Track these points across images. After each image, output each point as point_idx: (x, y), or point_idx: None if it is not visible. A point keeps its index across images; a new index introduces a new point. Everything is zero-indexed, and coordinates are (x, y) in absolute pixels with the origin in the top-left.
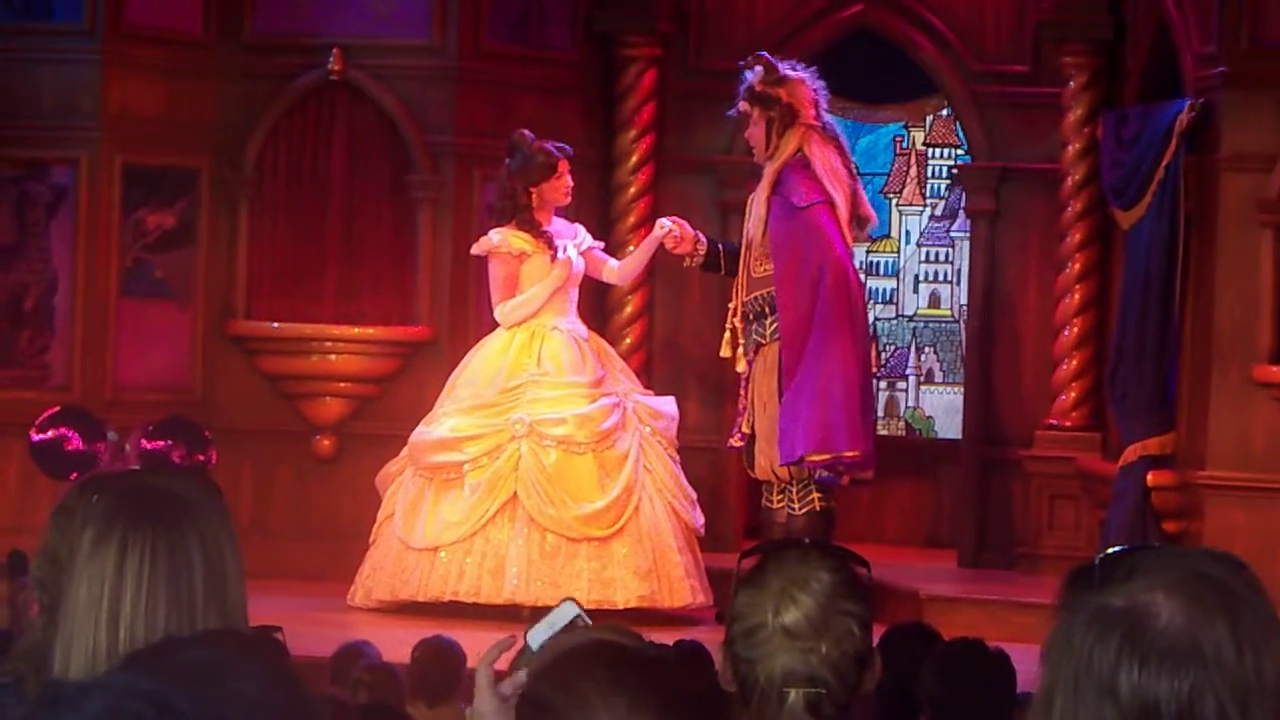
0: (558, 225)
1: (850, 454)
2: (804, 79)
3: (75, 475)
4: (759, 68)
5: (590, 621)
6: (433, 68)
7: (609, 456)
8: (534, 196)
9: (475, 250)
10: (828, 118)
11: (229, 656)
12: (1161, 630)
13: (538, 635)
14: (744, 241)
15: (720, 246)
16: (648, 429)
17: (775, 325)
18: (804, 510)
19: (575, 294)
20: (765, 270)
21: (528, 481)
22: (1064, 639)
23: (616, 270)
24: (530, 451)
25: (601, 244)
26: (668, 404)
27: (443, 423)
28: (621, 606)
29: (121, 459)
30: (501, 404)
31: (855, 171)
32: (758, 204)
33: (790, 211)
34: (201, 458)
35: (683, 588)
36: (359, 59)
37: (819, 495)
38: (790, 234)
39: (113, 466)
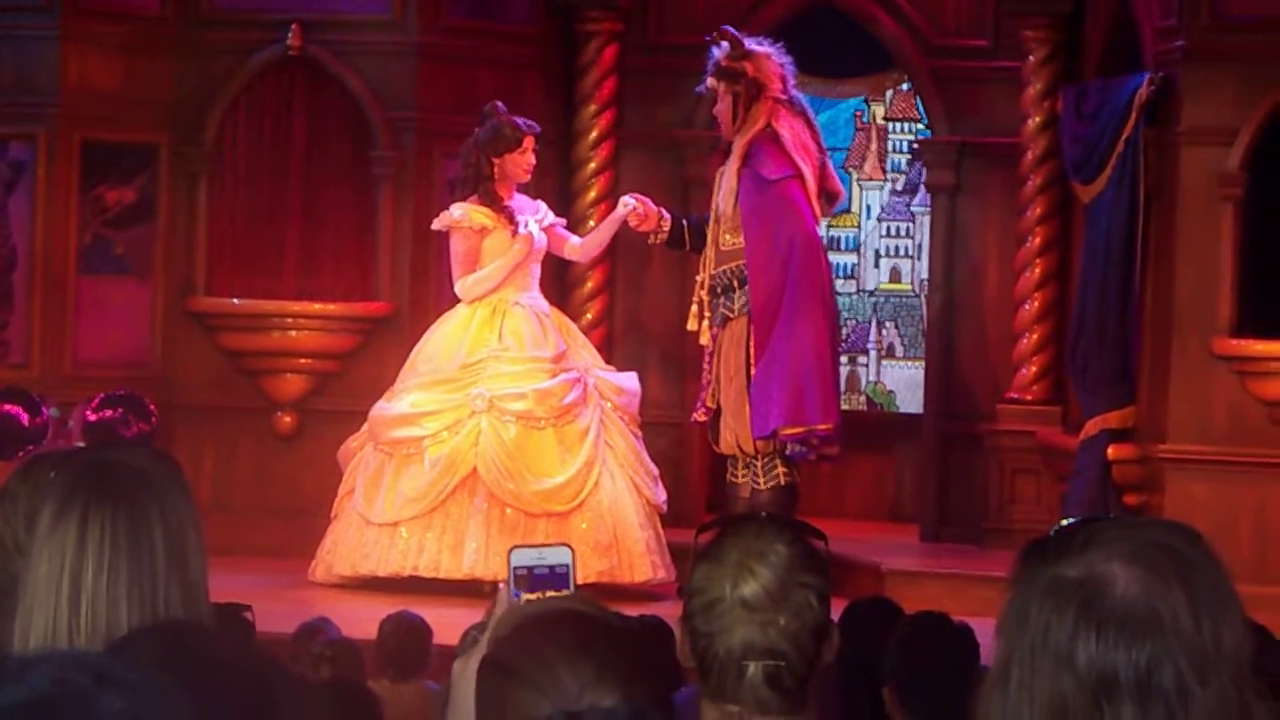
0: (519, 201)
1: (823, 427)
2: (770, 53)
3: (22, 453)
4: (724, 43)
5: (576, 577)
6: (393, 43)
7: (569, 431)
8: (496, 168)
9: (436, 225)
10: (795, 92)
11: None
12: (1118, 599)
13: (524, 555)
14: (713, 215)
15: (684, 222)
16: (609, 404)
17: (744, 299)
18: (769, 485)
19: (537, 269)
20: (734, 244)
21: (487, 457)
22: (1020, 611)
23: (579, 246)
24: (490, 427)
25: (564, 220)
26: (630, 380)
27: (403, 398)
28: (580, 581)
29: (64, 435)
30: (462, 379)
31: (824, 146)
32: (728, 177)
33: (761, 184)
34: (145, 427)
35: (643, 563)
36: (318, 34)
37: (784, 470)
38: (761, 207)
39: (55, 444)
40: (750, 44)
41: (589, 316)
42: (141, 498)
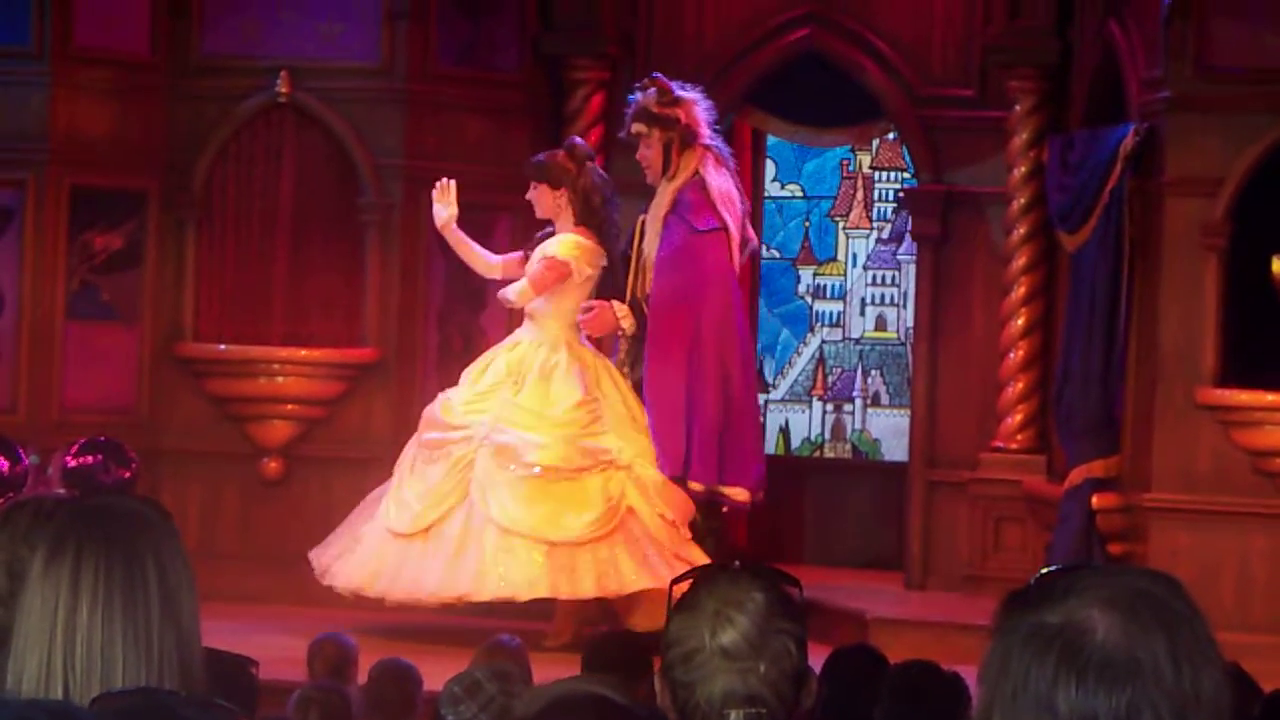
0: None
1: (735, 491)
2: (696, 99)
3: (1, 500)
4: (652, 90)
5: None
6: (381, 90)
7: None
8: None
9: None
10: (719, 141)
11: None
12: (1098, 646)
13: None
14: (637, 263)
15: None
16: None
17: None
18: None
19: (525, 306)
20: None
21: None
22: (1001, 658)
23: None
24: None
25: (519, 255)
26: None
27: None
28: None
29: (44, 482)
30: None
31: (745, 195)
32: (654, 223)
33: (689, 233)
34: (125, 473)
35: None
36: (307, 81)
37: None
38: (682, 256)
39: (35, 490)
40: (678, 90)
41: None
42: (136, 541)
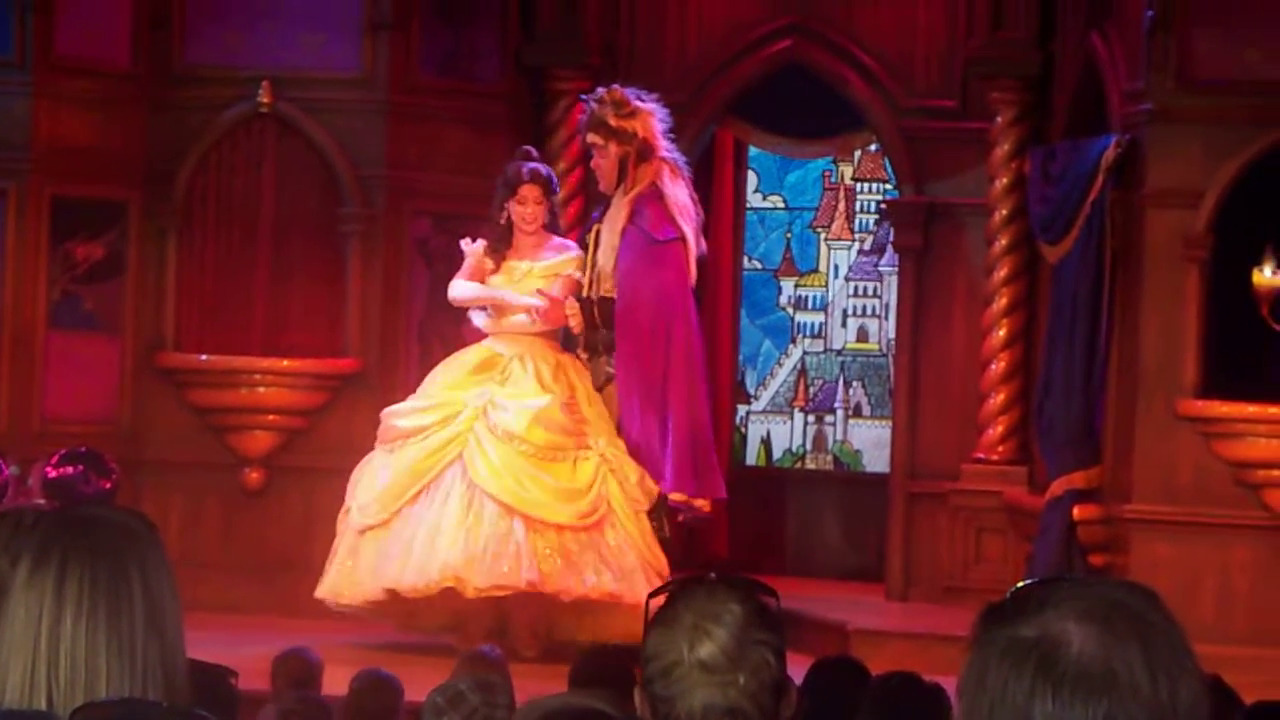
0: (552, 246)
1: (700, 503)
2: (653, 110)
3: None
4: (609, 101)
5: None
6: (363, 101)
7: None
8: (509, 214)
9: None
10: (676, 152)
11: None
12: (1074, 658)
13: None
14: (592, 273)
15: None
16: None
17: None
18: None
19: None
20: None
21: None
22: (978, 671)
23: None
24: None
25: (577, 278)
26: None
27: None
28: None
29: (24, 493)
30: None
31: (700, 207)
32: (611, 234)
33: (647, 243)
34: (106, 484)
35: None
36: (289, 91)
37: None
38: (644, 266)
39: (15, 501)
40: (635, 102)
41: None
42: (121, 552)
